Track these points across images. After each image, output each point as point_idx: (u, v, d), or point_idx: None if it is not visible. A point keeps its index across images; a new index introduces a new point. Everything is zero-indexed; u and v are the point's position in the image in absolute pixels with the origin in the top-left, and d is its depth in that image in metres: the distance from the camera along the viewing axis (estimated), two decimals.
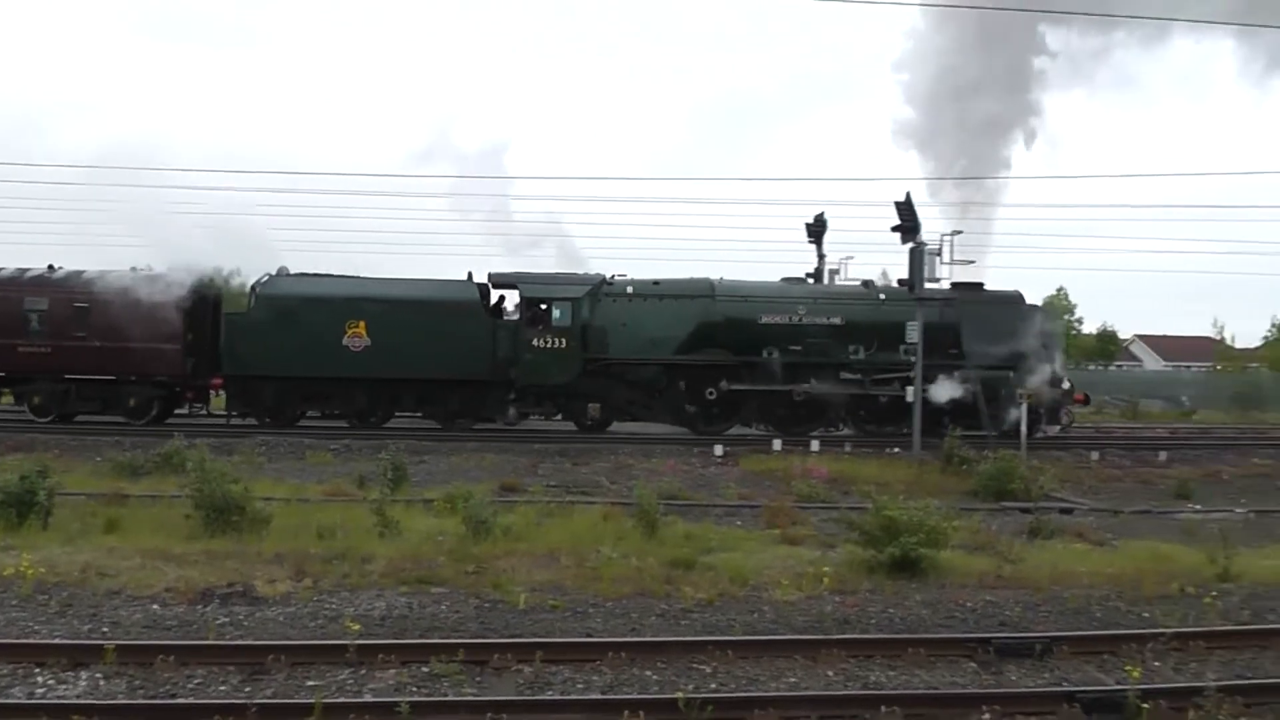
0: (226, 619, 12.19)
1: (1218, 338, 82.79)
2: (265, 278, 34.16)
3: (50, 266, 35.23)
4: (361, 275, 35.20)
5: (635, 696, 9.58)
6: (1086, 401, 40.18)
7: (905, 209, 30.47)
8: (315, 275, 34.76)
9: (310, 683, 9.97)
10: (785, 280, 37.26)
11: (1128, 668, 10.86)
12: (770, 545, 17.47)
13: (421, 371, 33.46)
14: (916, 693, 10.09)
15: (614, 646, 10.96)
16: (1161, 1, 30.75)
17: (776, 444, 30.47)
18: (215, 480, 17.01)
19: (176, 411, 35.68)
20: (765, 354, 34.27)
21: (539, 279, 34.68)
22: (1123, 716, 9.77)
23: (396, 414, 35.50)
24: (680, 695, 9.23)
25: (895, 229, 30.88)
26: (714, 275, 35.79)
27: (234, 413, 34.17)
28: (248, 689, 9.83)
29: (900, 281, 33.01)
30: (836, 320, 34.79)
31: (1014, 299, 36.84)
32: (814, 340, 34.48)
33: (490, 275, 35.22)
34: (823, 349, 34.53)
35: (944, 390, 33.94)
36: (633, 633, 11.93)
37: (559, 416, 36.25)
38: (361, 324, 33.12)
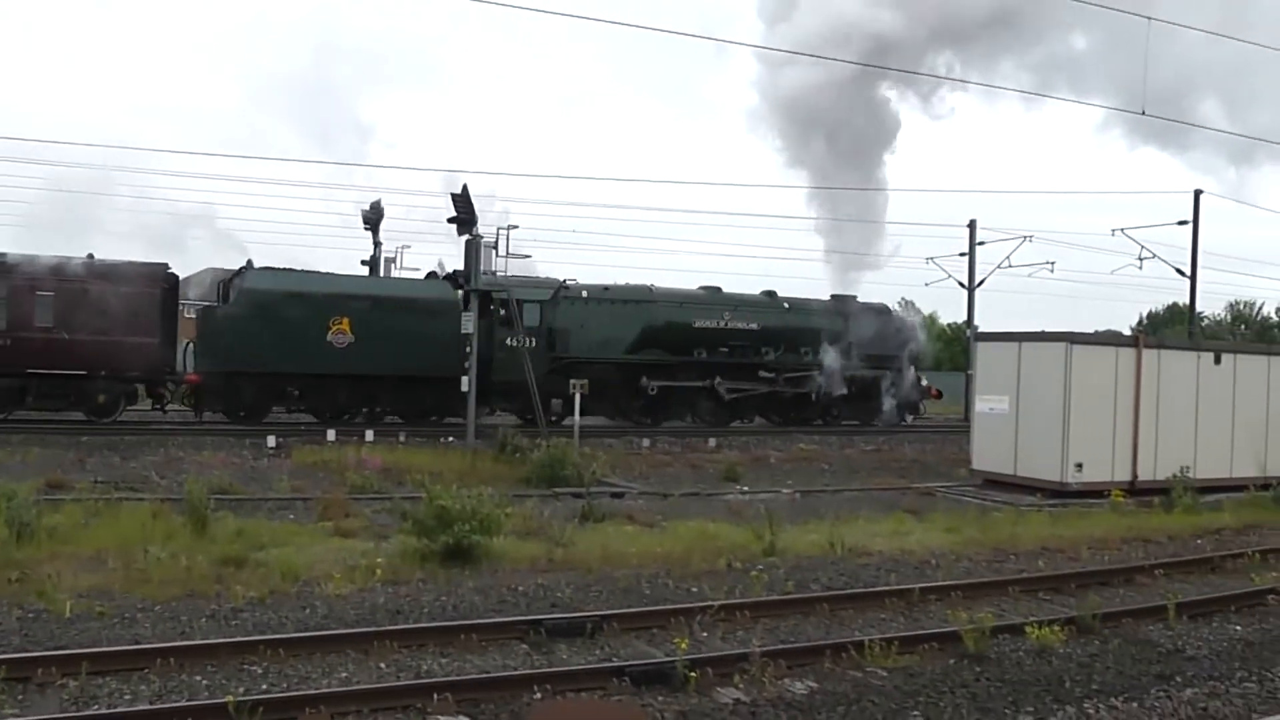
0: None
1: None
2: (243, 271, 34.11)
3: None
4: (342, 273, 36.01)
5: (184, 704, 9.30)
6: (940, 396, 48.01)
7: (462, 201, 30.64)
8: (296, 270, 35.06)
9: None
10: (703, 288, 42.03)
11: (676, 640, 11.36)
12: (323, 538, 17.29)
13: (403, 368, 34.42)
14: (468, 678, 10.22)
15: (162, 653, 10.52)
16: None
17: (330, 434, 30.28)
18: None
19: (128, 408, 33.62)
20: (695, 354, 39.29)
21: (511, 282, 37.26)
22: (671, 686, 10.24)
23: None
24: (230, 699, 9.02)
25: (451, 220, 31.03)
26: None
27: (205, 410, 33.96)
28: None
29: (455, 272, 33.50)
30: (754, 325, 40.41)
31: (887, 309, 44.22)
32: (737, 343, 40.04)
33: (454, 275, 36.64)
34: (744, 350, 40.15)
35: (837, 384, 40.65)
36: (182, 636, 11.48)
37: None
38: (345, 321, 33.81)
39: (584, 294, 38.32)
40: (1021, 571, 16.90)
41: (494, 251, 31.64)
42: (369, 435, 30.82)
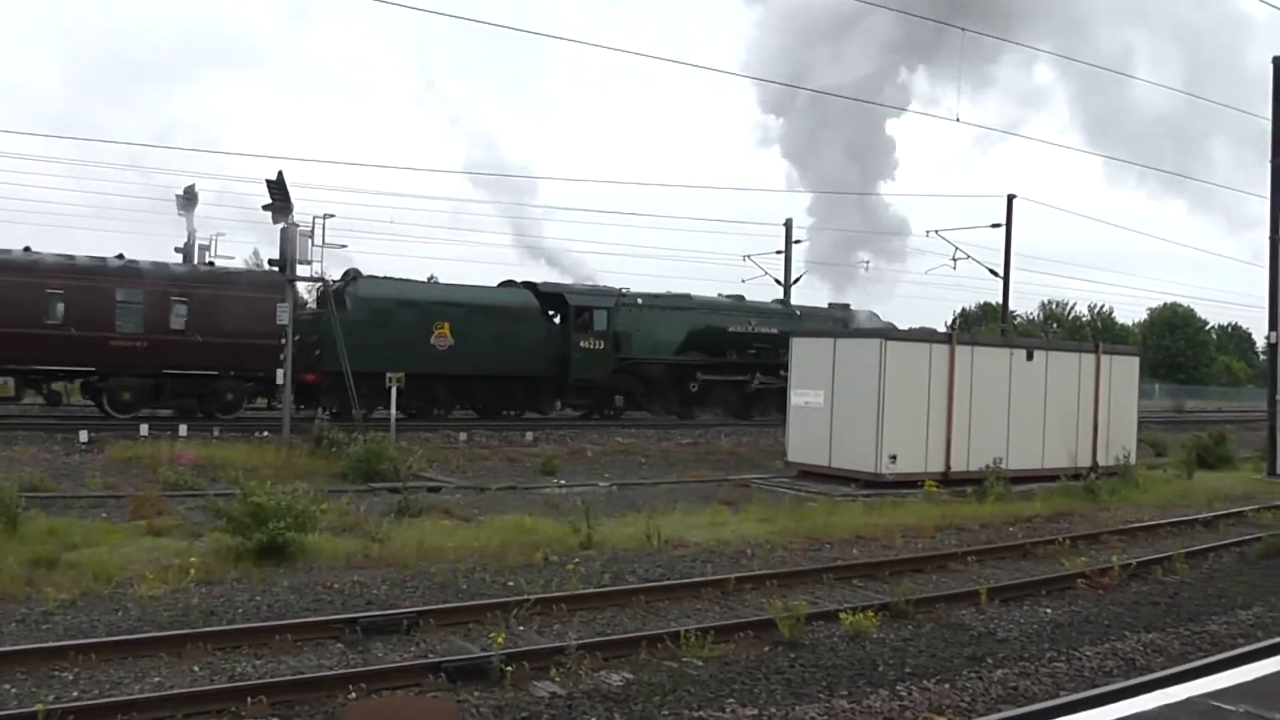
0: None
1: None
2: (355, 280, 36.77)
3: (120, 256, 34.34)
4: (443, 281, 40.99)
5: None
6: None
7: (277, 187, 30.19)
8: (403, 279, 39.33)
9: None
10: (728, 297, 47.79)
11: (493, 634, 11.51)
12: (136, 537, 17.04)
13: (494, 368, 38.34)
14: (282, 680, 10.22)
15: None
16: None
17: (144, 429, 29.66)
18: None
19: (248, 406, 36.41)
20: (729, 355, 44.15)
21: (582, 290, 41.95)
22: (487, 681, 10.39)
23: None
24: (40, 708, 8.86)
25: (267, 207, 30.60)
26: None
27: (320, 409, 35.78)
28: None
29: (271, 261, 33.14)
30: (774, 330, 44.59)
31: (875, 316, 46.59)
32: (761, 345, 44.66)
33: (532, 284, 41.64)
34: (766, 353, 44.53)
35: None
36: None
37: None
38: (446, 325, 37.16)
39: (639, 301, 43.12)
40: (836, 560, 17.44)
41: (309, 240, 31.19)
42: (183, 430, 30.29)
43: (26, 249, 33.50)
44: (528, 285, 41.86)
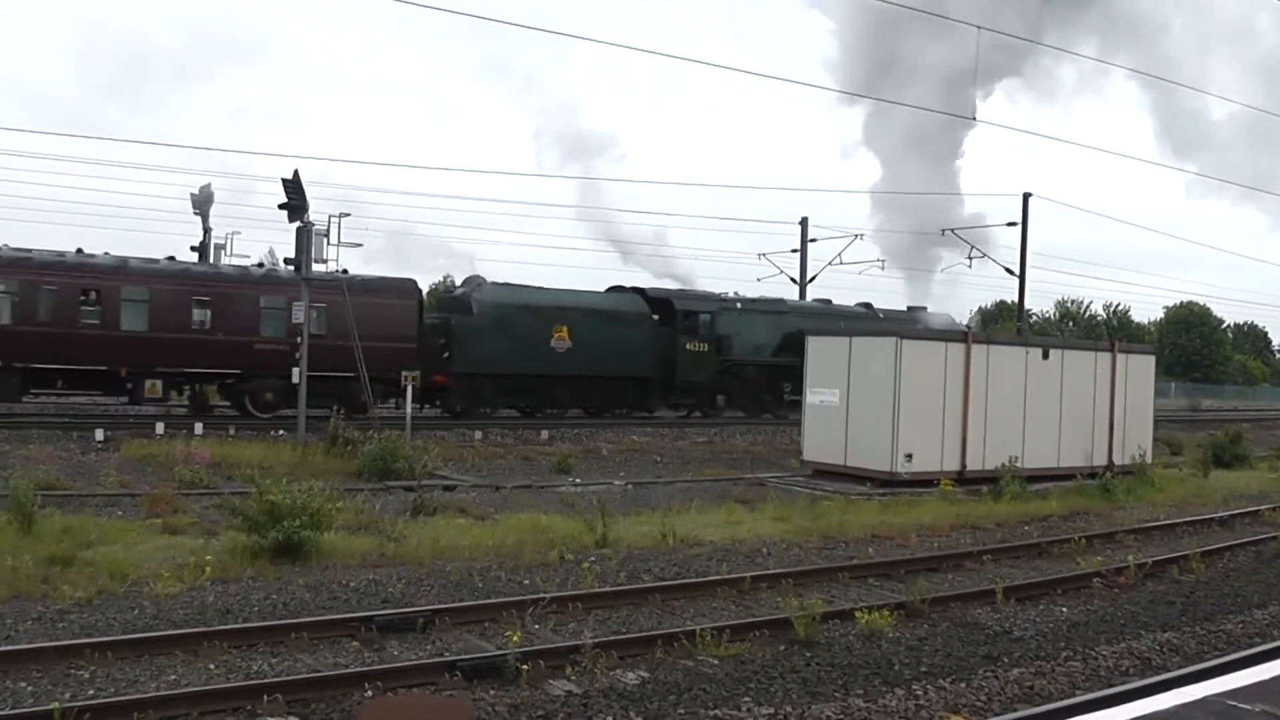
0: None
1: None
2: (480, 286, 39.33)
3: (260, 264, 37.39)
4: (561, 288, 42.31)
5: (8, 713, 9.09)
6: None
7: (293, 187, 30.19)
8: (525, 285, 41.20)
9: None
10: (816, 301, 50.60)
11: (508, 633, 11.46)
12: (152, 536, 17.03)
13: (608, 369, 40.33)
14: (298, 678, 10.23)
15: None
16: None
17: (159, 427, 29.71)
18: None
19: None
20: None
21: (688, 295, 44.35)
22: (503, 680, 10.39)
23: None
24: (56, 706, 8.88)
25: (283, 207, 30.60)
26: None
27: (457, 408, 38.04)
28: None
29: (287, 260, 33.20)
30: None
31: (951, 319, 47.96)
32: None
33: (642, 290, 43.92)
34: None
35: None
36: (7, 641, 11.25)
37: None
38: (565, 329, 39.23)
39: (739, 305, 45.01)
40: (851, 558, 17.43)
41: (325, 240, 31.20)
42: (198, 428, 30.35)
43: (171, 258, 35.03)
44: (636, 290, 44.02)
